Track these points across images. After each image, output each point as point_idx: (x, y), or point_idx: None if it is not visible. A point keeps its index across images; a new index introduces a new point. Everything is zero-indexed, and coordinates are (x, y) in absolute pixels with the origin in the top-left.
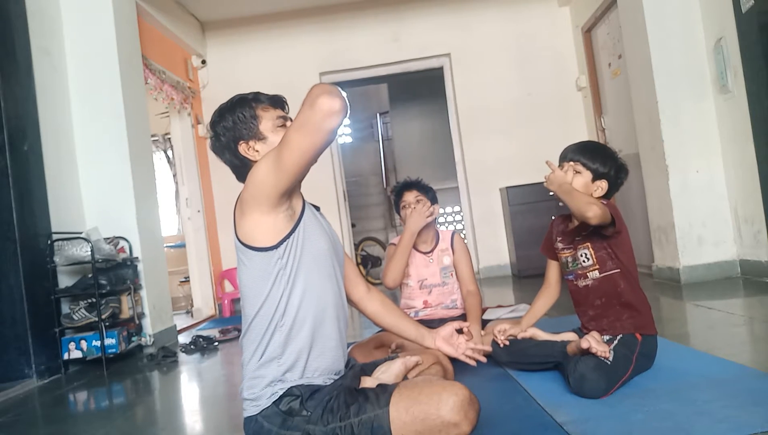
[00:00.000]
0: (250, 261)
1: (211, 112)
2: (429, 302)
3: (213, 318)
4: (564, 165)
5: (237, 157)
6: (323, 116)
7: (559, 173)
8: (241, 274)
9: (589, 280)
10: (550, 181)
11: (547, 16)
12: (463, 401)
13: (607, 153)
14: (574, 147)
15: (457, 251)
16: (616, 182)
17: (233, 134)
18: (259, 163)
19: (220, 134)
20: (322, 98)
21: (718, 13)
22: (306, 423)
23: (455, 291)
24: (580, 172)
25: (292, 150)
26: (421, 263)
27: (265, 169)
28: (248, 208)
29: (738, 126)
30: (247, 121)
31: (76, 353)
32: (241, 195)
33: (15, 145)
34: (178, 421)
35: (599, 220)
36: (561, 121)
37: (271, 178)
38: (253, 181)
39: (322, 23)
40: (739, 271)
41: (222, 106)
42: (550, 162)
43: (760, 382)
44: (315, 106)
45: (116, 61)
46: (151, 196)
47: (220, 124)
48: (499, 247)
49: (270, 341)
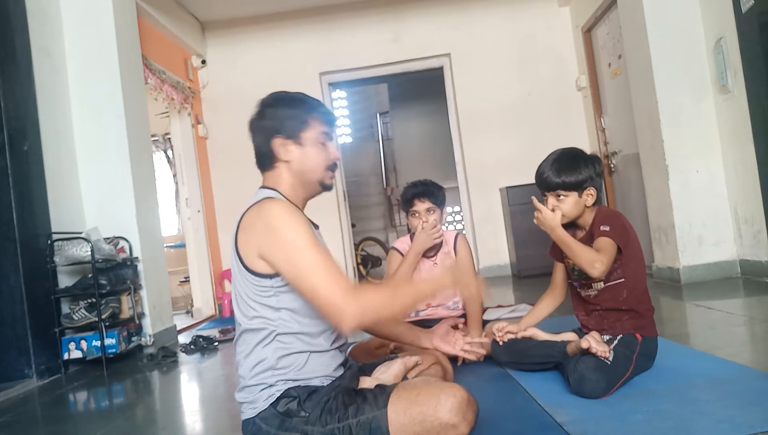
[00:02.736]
0: (247, 278)
1: (211, 112)
2: (431, 303)
3: (213, 318)
4: (547, 196)
5: (267, 145)
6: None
7: (548, 214)
8: (236, 284)
9: (593, 290)
10: (540, 222)
11: (547, 16)
12: (462, 403)
13: (578, 159)
14: (548, 171)
15: (459, 253)
16: (599, 178)
17: (276, 125)
18: (282, 258)
19: (265, 116)
20: (345, 324)
21: (718, 13)
22: (304, 424)
23: (456, 292)
24: (566, 196)
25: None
26: (425, 268)
27: (280, 263)
28: (258, 253)
29: (738, 126)
30: (296, 120)
31: (76, 353)
32: (257, 234)
33: (15, 145)
34: (178, 421)
35: (604, 274)
36: (561, 121)
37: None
38: (273, 250)
39: (322, 23)
40: (739, 271)
41: (280, 95)
42: (536, 202)
43: (760, 382)
44: (335, 320)
45: (116, 61)
46: (151, 196)
47: (270, 108)
48: (499, 247)
49: (263, 352)
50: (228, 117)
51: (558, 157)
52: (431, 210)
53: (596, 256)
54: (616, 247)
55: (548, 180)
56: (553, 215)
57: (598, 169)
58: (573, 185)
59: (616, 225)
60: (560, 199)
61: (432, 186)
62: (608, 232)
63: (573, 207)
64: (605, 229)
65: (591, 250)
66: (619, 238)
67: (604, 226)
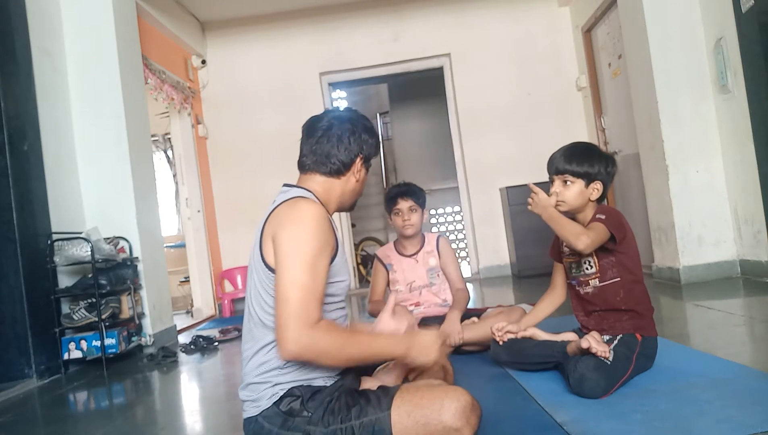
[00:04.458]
0: (265, 273)
1: (211, 112)
2: (420, 302)
3: (213, 318)
4: (554, 179)
5: (349, 159)
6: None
7: (543, 197)
8: (254, 277)
9: (590, 287)
10: (534, 204)
11: (547, 16)
12: (465, 407)
13: (593, 152)
14: (560, 158)
15: (443, 254)
16: (609, 176)
17: (367, 147)
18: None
19: (357, 132)
20: (283, 350)
21: (718, 13)
22: (306, 424)
23: (444, 290)
24: (573, 182)
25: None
26: (408, 267)
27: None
28: (272, 238)
29: (738, 126)
30: (375, 148)
31: (76, 353)
32: (280, 224)
33: (15, 145)
34: (178, 421)
35: (591, 249)
36: (561, 121)
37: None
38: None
39: (322, 23)
40: (739, 271)
41: (371, 126)
42: (532, 185)
43: (760, 382)
44: (281, 337)
45: (116, 61)
46: (151, 196)
47: (362, 126)
48: (499, 247)
49: (272, 353)
50: (228, 117)
51: (574, 145)
52: (413, 209)
53: (583, 230)
54: (607, 234)
55: (558, 163)
56: (548, 197)
57: (611, 169)
58: (581, 174)
59: (613, 218)
60: (567, 184)
61: (415, 187)
62: (603, 220)
63: (577, 196)
64: (600, 217)
65: (579, 225)
66: (613, 228)
67: (600, 216)
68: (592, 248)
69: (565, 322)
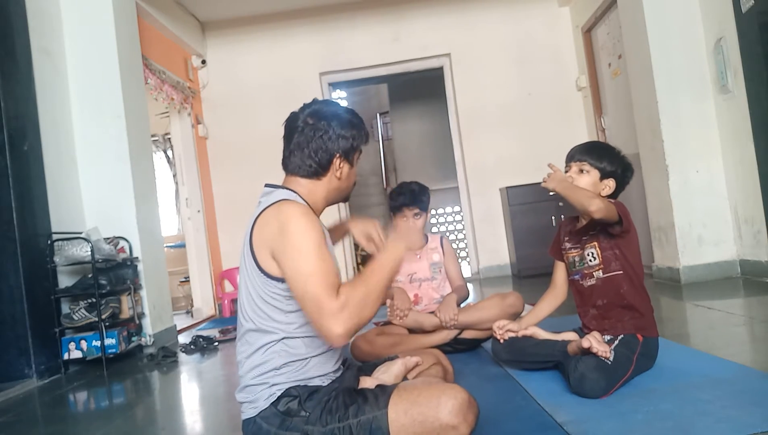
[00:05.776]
0: (260, 279)
1: (211, 112)
2: (419, 296)
3: (213, 318)
4: (571, 165)
5: (326, 159)
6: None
7: (560, 172)
8: (247, 283)
9: (594, 279)
10: (551, 179)
11: (547, 16)
12: (462, 404)
13: (613, 152)
14: (581, 147)
15: (446, 253)
16: (623, 181)
17: (343, 144)
18: (287, 258)
19: (330, 130)
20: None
21: (718, 13)
22: (305, 423)
23: (444, 287)
24: (588, 172)
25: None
26: (409, 258)
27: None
28: (271, 253)
29: (738, 126)
30: (355, 141)
31: (76, 353)
32: (272, 234)
33: (15, 145)
34: (178, 421)
35: (602, 213)
36: (561, 121)
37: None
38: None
39: (322, 23)
40: (739, 271)
41: (341, 111)
42: (553, 164)
43: (760, 382)
44: (324, 330)
45: (116, 60)
46: (151, 196)
47: (335, 122)
48: (499, 247)
49: (267, 355)
50: (228, 117)
51: (599, 142)
52: (418, 215)
53: (596, 194)
54: (616, 215)
55: (579, 151)
56: (564, 174)
57: (627, 175)
58: (599, 166)
59: (623, 208)
60: (582, 172)
61: (419, 193)
62: (614, 203)
63: (590, 185)
64: (611, 201)
65: (594, 193)
66: (622, 214)
67: (611, 200)
68: (603, 214)
69: (565, 322)
